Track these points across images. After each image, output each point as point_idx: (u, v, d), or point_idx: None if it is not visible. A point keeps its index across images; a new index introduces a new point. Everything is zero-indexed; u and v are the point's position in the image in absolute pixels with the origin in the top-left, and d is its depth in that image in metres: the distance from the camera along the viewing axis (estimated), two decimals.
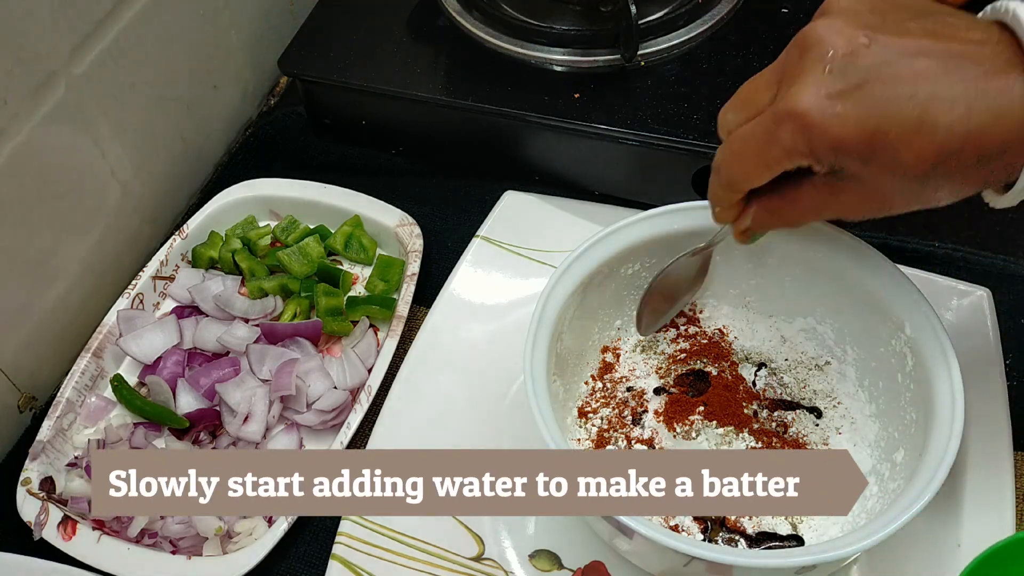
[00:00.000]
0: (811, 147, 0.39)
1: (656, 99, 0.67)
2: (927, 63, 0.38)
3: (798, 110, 0.39)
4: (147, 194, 0.71)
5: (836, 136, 0.38)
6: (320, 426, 0.60)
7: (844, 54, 0.39)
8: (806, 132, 0.39)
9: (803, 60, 0.40)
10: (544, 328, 0.51)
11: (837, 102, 0.38)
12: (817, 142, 0.39)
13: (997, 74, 0.37)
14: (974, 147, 0.38)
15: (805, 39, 0.41)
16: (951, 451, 0.45)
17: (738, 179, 0.44)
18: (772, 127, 0.40)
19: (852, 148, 0.38)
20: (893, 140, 0.38)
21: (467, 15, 0.73)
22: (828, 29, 0.40)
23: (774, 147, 0.41)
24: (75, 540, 0.55)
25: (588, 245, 0.53)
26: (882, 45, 0.39)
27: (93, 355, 0.63)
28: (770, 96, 0.42)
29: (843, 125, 0.38)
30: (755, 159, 0.42)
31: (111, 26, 0.63)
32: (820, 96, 0.39)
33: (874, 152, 0.38)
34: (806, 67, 0.40)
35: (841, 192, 0.42)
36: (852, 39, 0.39)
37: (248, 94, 0.82)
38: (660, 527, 0.44)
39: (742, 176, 0.44)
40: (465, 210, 0.71)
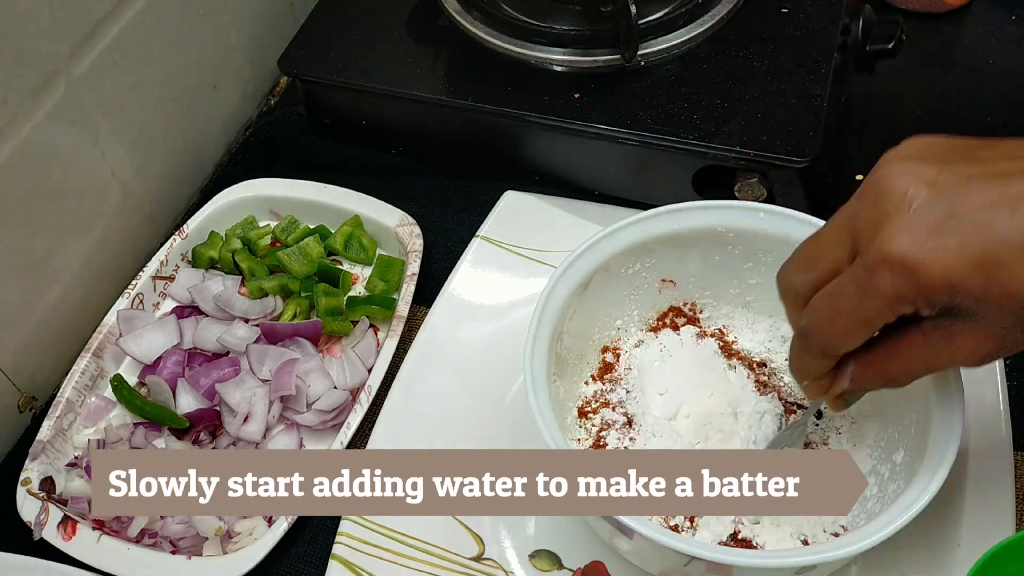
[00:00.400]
0: (919, 288, 0.37)
1: (656, 99, 0.67)
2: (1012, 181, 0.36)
3: (896, 253, 0.36)
4: (147, 194, 0.71)
5: (943, 270, 0.36)
6: (320, 426, 0.60)
7: (924, 192, 0.37)
8: (910, 274, 0.36)
9: (880, 206, 0.38)
10: (544, 328, 0.51)
11: (934, 237, 0.36)
12: (925, 281, 0.36)
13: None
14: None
15: (876, 187, 0.38)
16: (951, 451, 0.45)
17: (834, 342, 0.41)
18: (866, 277, 0.38)
19: (963, 280, 0.36)
20: (1005, 261, 0.35)
21: (467, 15, 0.73)
22: (897, 173, 0.38)
23: (874, 299, 0.38)
24: (75, 540, 0.55)
25: (588, 245, 0.53)
26: (957, 175, 0.37)
27: (93, 355, 0.63)
28: (844, 251, 0.40)
29: (948, 258, 0.36)
30: (852, 316, 0.39)
31: (111, 26, 0.63)
32: (915, 235, 0.36)
33: (988, 278, 0.36)
34: (888, 211, 0.37)
35: (956, 335, 0.39)
36: (926, 175, 0.37)
37: (248, 94, 0.82)
38: (660, 527, 0.44)
39: (839, 337, 0.41)
40: (465, 210, 0.71)
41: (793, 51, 0.69)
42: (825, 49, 0.68)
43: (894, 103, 0.76)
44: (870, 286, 0.38)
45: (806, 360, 0.44)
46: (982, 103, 0.75)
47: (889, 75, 0.77)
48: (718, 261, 0.56)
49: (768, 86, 0.67)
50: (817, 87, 0.66)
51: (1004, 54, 0.78)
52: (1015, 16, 0.81)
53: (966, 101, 0.75)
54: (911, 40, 0.73)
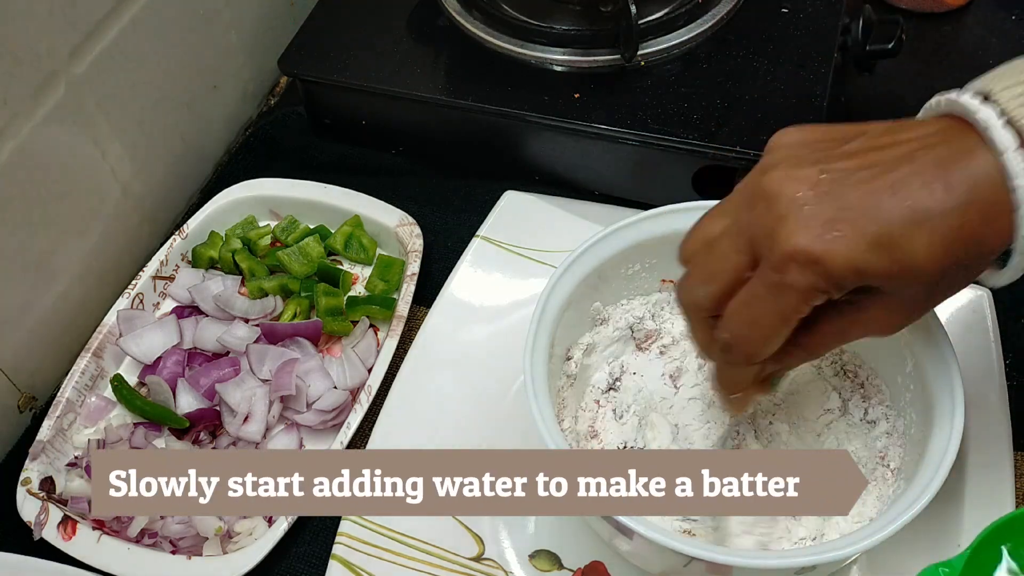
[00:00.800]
0: (828, 277, 0.38)
1: (656, 99, 0.67)
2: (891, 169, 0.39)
3: (800, 248, 0.38)
4: (147, 194, 0.71)
5: (846, 256, 0.38)
6: (320, 426, 0.60)
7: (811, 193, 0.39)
8: (817, 265, 0.38)
9: (773, 211, 0.39)
10: (544, 328, 0.51)
11: (831, 229, 0.38)
12: (832, 270, 0.38)
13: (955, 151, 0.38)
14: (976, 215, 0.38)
15: (764, 195, 0.40)
16: (951, 451, 0.45)
17: (759, 347, 0.42)
18: (777, 277, 0.39)
19: (867, 262, 0.38)
20: (898, 237, 0.38)
21: (467, 15, 0.73)
22: (782, 179, 0.40)
23: (788, 296, 0.39)
24: (75, 540, 0.55)
25: (588, 245, 0.53)
26: (837, 172, 0.39)
27: (93, 355, 0.63)
28: (744, 259, 0.41)
29: (848, 244, 0.38)
30: (771, 317, 0.41)
31: (111, 26, 0.63)
32: (813, 229, 0.38)
33: (889, 257, 0.38)
34: (782, 214, 0.39)
35: (865, 310, 0.42)
36: (809, 177, 0.39)
37: (248, 94, 0.82)
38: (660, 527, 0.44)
39: (762, 342, 0.42)
40: (465, 210, 0.71)
41: (793, 51, 0.69)
42: (825, 49, 0.68)
43: (894, 103, 0.76)
44: (782, 284, 0.39)
45: (735, 373, 0.46)
46: None
47: (889, 75, 0.77)
48: None
49: (768, 86, 0.67)
50: (817, 87, 0.66)
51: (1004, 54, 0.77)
52: (1015, 16, 0.81)
53: None
54: (911, 40, 0.73)
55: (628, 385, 0.56)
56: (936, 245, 0.38)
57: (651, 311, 0.58)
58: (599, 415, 0.55)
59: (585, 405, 0.56)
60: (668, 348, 0.58)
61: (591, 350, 0.56)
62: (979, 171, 0.38)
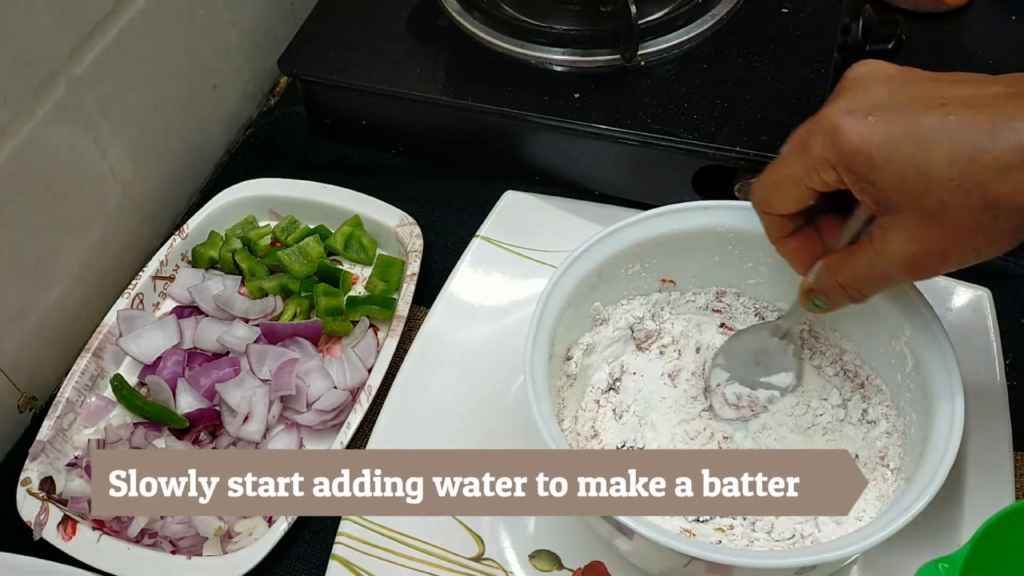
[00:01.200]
0: (839, 153, 0.40)
1: (656, 99, 0.67)
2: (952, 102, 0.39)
3: (827, 117, 0.40)
4: (147, 194, 0.71)
5: (863, 138, 0.39)
6: (320, 426, 0.60)
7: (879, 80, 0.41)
8: (833, 137, 0.40)
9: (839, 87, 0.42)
10: (544, 328, 0.51)
11: (868, 114, 0.39)
12: (844, 146, 0.39)
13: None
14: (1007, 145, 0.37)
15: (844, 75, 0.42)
16: (951, 451, 0.45)
17: (768, 195, 0.45)
18: (805, 137, 0.42)
19: (880, 153, 0.39)
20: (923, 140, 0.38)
21: (467, 15, 0.73)
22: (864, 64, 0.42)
23: (804, 157, 0.41)
24: (75, 540, 0.55)
25: (588, 245, 0.53)
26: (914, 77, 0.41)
27: (93, 355, 0.63)
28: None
29: (872, 130, 0.39)
30: (785, 172, 0.43)
31: (111, 26, 0.63)
32: (850, 107, 0.40)
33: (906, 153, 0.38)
34: (841, 89, 0.42)
35: (887, 234, 0.41)
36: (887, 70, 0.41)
37: (248, 94, 0.82)
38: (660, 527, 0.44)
39: (772, 190, 0.44)
40: (465, 210, 0.71)
41: (793, 51, 0.69)
42: (825, 49, 0.68)
43: None
44: (804, 146, 0.42)
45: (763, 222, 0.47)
46: None
47: None
48: (718, 261, 0.56)
49: (768, 86, 0.67)
50: (817, 87, 0.66)
51: (1004, 54, 0.78)
52: (1015, 16, 0.81)
53: None
54: (911, 40, 0.73)
55: (628, 385, 0.56)
56: (954, 157, 0.38)
57: (651, 311, 0.58)
58: (599, 415, 0.55)
59: (585, 405, 0.56)
60: (668, 348, 0.58)
61: (591, 350, 0.56)
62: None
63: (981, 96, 0.39)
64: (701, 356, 0.57)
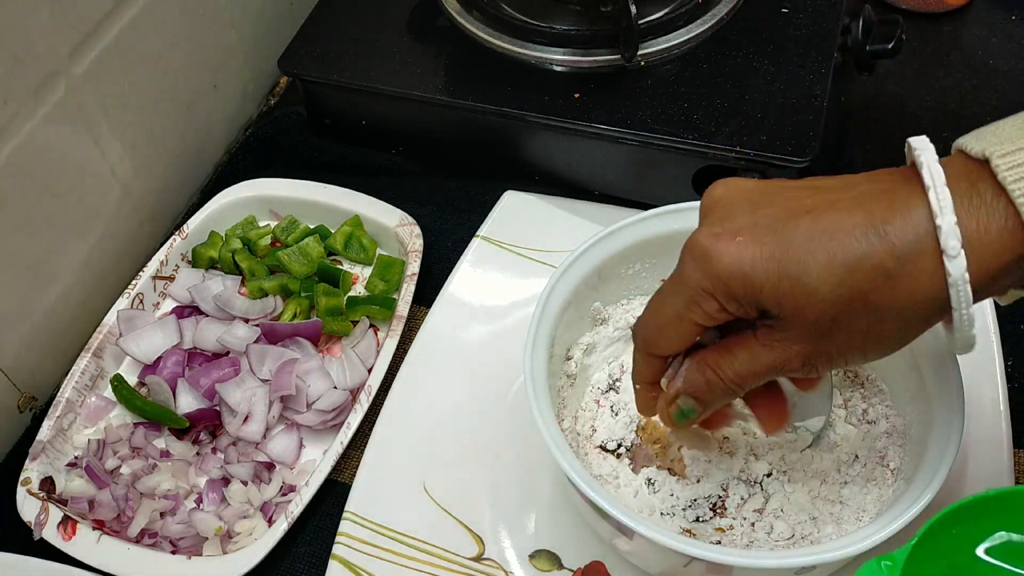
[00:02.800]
0: (715, 278, 0.38)
1: (656, 99, 0.67)
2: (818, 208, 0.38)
3: (697, 242, 0.39)
4: (147, 194, 0.71)
5: (736, 260, 0.37)
6: (320, 426, 0.60)
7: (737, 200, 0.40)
8: (706, 261, 0.38)
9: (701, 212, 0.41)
10: (544, 328, 0.51)
11: (735, 235, 0.38)
12: (719, 271, 0.38)
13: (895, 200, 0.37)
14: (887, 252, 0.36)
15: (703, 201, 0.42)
16: (951, 451, 0.45)
17: (653, 336, 0.42)
18: (679, 269, 0.40)
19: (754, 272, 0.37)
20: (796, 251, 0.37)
21: (467, 15, 0.73)
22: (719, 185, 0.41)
23: (683, 290, 0.40)
24: (75, 540, 0.55)
25: (588, 245, 0.53)
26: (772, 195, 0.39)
27: (93, 355, 0.63)
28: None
29: (742, 251, 0.38)
30: (667, 309, 0.41)
31: (111, 26, 0.63)
32: (717, 229, 0.39)
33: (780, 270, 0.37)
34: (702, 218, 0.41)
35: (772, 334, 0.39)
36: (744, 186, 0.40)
37: (248, 94, 0.82)
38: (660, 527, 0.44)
39: (657, 331, 0.42)
40: (465, 210, 0.71)
41: (793, 51, 0.69)
42: (825, 49, 0.68)
43: (894, 103, 0.76)
44: (679, 277, 0.40)
45: (636, 360, 0.45)
46: (982, 103, 0.75)
47: (889, 75, 0.77)
48: None
49: (768, 86, 0.67)
50: (817, 87, 0.66)
51: (1004, 54, 0.78)
52: (1015, 16, 0.81)
53: (966, 101, 0.75)
54: (911, 40, 0.73)
55: (628, 385, 0.56)
56: (832, 267, 0.36)
57: None
58: (599, 415, 0.55)
59: (585, 405, 0.56)
60: None
61: (591, 350, 0.56)
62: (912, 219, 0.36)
63: (847, 199, 0.37)
64: None
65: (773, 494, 0.51)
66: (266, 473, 0.59)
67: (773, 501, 0.51)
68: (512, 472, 0.57)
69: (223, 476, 0.59)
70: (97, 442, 0.60)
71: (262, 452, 0.59)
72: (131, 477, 0.58)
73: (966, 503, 0.41)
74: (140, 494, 0.58)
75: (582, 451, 0.54)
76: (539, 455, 0.56)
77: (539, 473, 0.56)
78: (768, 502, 0.51)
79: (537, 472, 0.56)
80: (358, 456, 0.58)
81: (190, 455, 0.60)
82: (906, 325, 0.38)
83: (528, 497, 0.56)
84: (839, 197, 0.38)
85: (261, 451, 0.60)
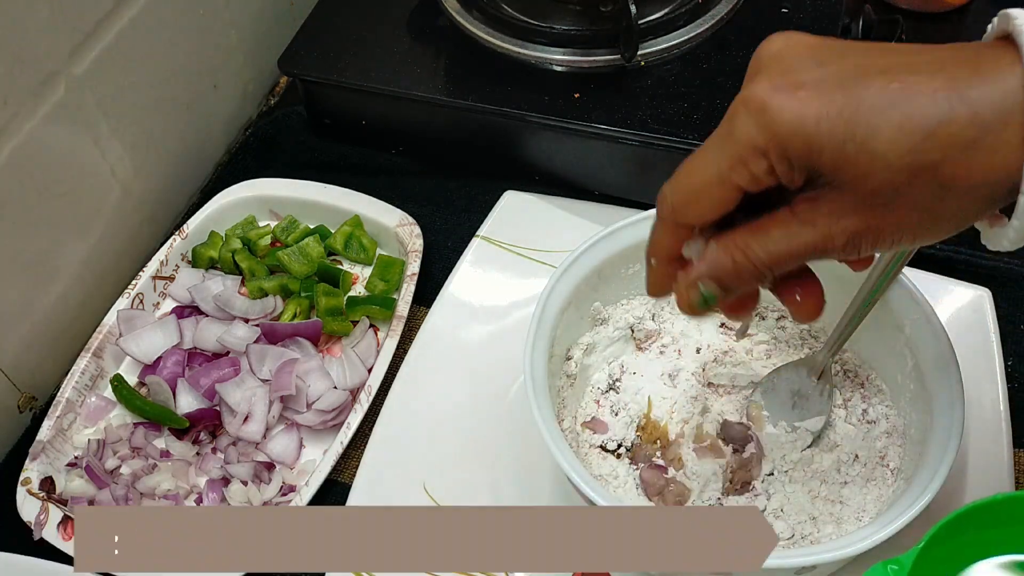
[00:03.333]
0: (771, 135, 0.34)
1: (656, 99, 0.67)
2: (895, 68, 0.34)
3: (754, 95, 0.34)
4: (147, 194, 0.71)
5: (798, 116, 0.34)
6: (320, 426, 0.60)
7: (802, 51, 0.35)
8: (763, 116, 0.34)
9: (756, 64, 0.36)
10: (544, 328, 0.51)
11: (797, 89, 0.34)
12: (777, 126, 0.34)
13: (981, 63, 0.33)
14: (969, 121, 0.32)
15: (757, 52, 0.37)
16: (951, 451, 0.45)
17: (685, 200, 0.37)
18: (726, 127, 0.36)
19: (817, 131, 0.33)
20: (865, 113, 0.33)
21: (467, 15, 0.73)
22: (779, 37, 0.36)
23: (729, 146, 0.35)
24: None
25: (588, 245, 0.53)
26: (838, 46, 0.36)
27: (93, 355, 0.63)
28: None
29: (805, 106, 0.34)
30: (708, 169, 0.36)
31: (111, 26, 0.63)
32: (778, 81, 0.34)
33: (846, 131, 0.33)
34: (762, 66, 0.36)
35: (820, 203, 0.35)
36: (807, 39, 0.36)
37: (248, 94, 0.82)
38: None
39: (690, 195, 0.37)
40: (465, 210, 0.71)
41: None
42: None
43: None
44: (728, 133, 0.35)
45: (657, 231, 0.40)
46: None
47: None
48: None
49: None
50: None
51: None
52: None
53: None
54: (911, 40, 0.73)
55: (628, 385, 0.56)
56: (906, 131, 0.33)
57: (651, 311, 0.58)
58: (599, 415, 0.55)
59: (585, 405, 0.56)
60: (668, 348, 0.58)
61: (591, 350, 0.56)
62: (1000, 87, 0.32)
63: (927, 61, 0.34)
64: (701, 356, 0.57)
65: (773, 494, 0.51)
66: (266, 473, 0.59)
67: (773, 501, 0.51)
68: (512, 472, 0.57)
69: (223, 476, 0.59)
70: (97, 442, 0.60)
71: (262, 452, 0.59)
72: (131, 477, 0.58)
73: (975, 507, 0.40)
74: (140, 494, 0.58)
75: (582, 451, 0.54)
76: (539, 455, 0.56)
77: (539, 473, 0.56)
78: (768, 502, 0.51)
79: (537, 472, 0.56)
80: (358, 456, 0.58)
81: (190, 455, 0.60)
82: (967, 207, 0.34)
83: (528, 497, 0.56)
84: (917, 59, 0.34)
85: (261, 451, 0.60)
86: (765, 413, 0.54)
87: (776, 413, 0.54)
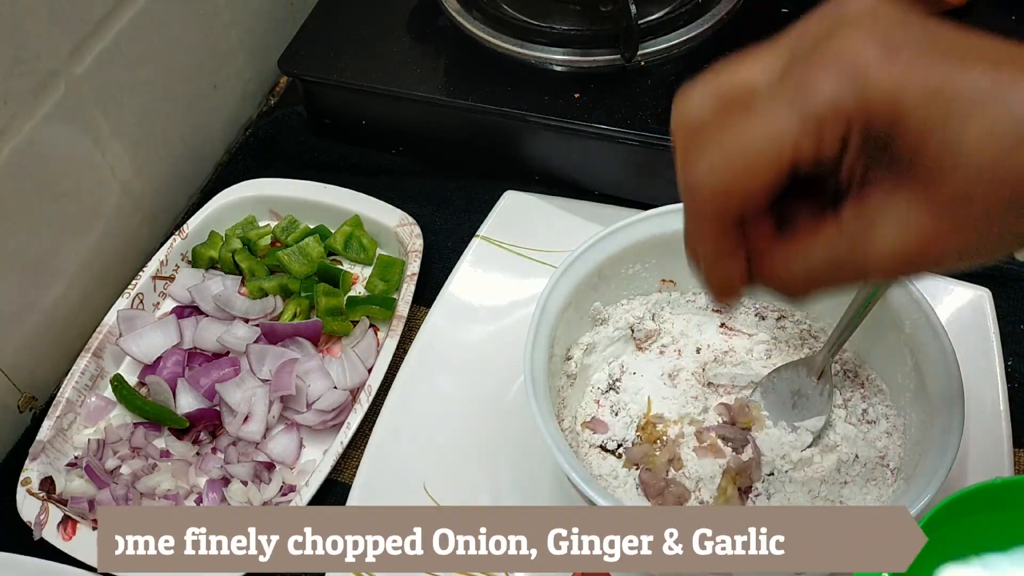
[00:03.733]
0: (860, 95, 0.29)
1: (656, 99, 0.67)
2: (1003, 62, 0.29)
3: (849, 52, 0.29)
4: (147, 194, 0.71)
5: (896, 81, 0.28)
6: (320, 426, 0.60)
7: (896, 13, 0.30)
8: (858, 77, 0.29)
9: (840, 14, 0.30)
10: (544, 328, 0.51)
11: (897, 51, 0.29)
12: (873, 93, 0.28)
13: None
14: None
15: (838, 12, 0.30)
16: (951, 451, 0.45)
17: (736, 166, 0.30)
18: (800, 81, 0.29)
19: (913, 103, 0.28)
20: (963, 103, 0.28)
21: (467, 15, 0.73)
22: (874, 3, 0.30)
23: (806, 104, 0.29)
24: (75, 540, 0.55)
25: (588, 245, 0.53)
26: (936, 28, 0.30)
27: (93, 355, 0.63)
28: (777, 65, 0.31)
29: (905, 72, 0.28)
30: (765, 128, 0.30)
31: (111, 26, 0.63)
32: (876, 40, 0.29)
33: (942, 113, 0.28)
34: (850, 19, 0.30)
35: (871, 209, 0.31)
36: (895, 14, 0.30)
37: (248, 94, 0.82)
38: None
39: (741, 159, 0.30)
40: (465, 210, 0.71)
41: None
42: None
43: None
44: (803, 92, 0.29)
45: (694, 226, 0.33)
46: None
47: None
48: None
49: None
50: None
51: None
52: (1015, 16, 0.81)
53: None
54: None
55: (628, 385, 0.56)
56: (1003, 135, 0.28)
57: (651, 311, 0.58)
58: (599, 415, 0.55)
59: (585, 405, 0.56)
60: (668, 348, 0.58)
61: (591, 350, 0.56)
62: None
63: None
64: (701, 356, 0.57)
65: (773, 494, 0.51)
66: (266, 473, 0.59)
67: (773, 501, 0.51)
68: (512, 472, 0.57)
69: (223, 476, 0.59)
70: (97, 442, 0.60)
71: (262, 452, 0.59)
72: (131, 477, 0.58)
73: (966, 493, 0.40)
74: (140, 494, 0.58)
75: (582, 451, 0.54)
76: (539, 455, 0.56)
77: (539, 473, 0.56)
78: (768, 502, 0.51)
79: (537, 472, 0.56)
80: (358, 456, 0.58)
81: (190, 455, 0.60)
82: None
83: (528, 497, 0.56)
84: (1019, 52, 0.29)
85: (261, 451, 0.60)
86: (765, 413, 0.54)
87: (776, 413, 0.54)
